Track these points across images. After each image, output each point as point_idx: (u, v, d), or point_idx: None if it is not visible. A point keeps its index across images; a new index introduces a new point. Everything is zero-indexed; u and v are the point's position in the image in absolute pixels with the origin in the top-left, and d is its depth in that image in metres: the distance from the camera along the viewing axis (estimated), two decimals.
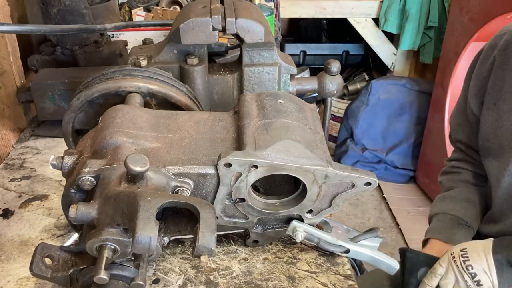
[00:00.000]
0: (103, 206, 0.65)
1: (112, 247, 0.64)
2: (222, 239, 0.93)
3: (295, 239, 0.83)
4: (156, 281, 0.83)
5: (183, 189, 0.73)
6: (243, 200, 0.78)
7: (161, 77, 0.93)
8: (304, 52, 3.66)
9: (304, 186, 0.77)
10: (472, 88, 1.24)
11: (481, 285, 1.03)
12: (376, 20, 3.26)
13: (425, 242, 1.30)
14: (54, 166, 0.75)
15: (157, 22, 1.59)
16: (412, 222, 2.85)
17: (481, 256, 1.05)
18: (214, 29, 0.99)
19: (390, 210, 3.00)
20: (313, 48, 3.67)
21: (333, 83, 1.09)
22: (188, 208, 0.65)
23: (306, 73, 3.53)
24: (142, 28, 1.63)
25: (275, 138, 0.74)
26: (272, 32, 1.18)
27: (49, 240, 0.95)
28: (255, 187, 0.83)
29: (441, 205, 1.33)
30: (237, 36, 1.02)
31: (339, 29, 3.65)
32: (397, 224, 2.86)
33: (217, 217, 0.79)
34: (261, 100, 0.83)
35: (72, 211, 0.65)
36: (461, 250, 1.08)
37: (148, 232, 0.58)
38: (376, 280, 1.31)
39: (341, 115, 3.42)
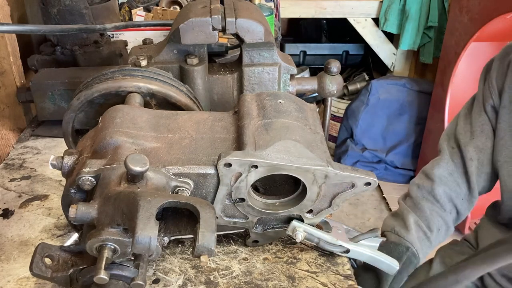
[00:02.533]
0: (103, 206, 0.65)
1: (112, 247, 0.64)
2: (222, 239, 0.93)
3: (295, 239, 0.83)
4: (156, 281, 0.83)
5: (183, 189, 0.73)
6: (243, 200, 0.78)
7: (161, 77, 0.93)
8: (304, 52, 3.66)
9: (304, 186, 0.77)
10: (495, 86, 1.27)
11: None
12: (376, 20, 3.26)
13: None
14: (54, 166, 0.75)
15: (157, 22, 1.59)
16: None
17: None
18: (214, 29, 0.99)
19: (390, 210, 3.00)
20: (313, 48, 3.67)
21: (333, 83, 1.10)
22: (188, 208, 0.65)
23: (306, 73, 3.53)
24: (142, 28, 1.63)
25: (275, 138, 0.74)
26: (272, 32, 1.18)
27: (49, 240, 0.95)
28: (255, 187, 0.83)
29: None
30: (237, 36, 1.02)
31: (339, 29, 3.65)
32: None
33: (217, 217, 0.79)
34: (261, 100, 0.83)
35: (72, 211, 0.65)
36: None
37: (148, 232, 0.58)
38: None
39: (341, 115, 3.42)
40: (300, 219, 0.84)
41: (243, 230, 0.87)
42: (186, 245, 0.91)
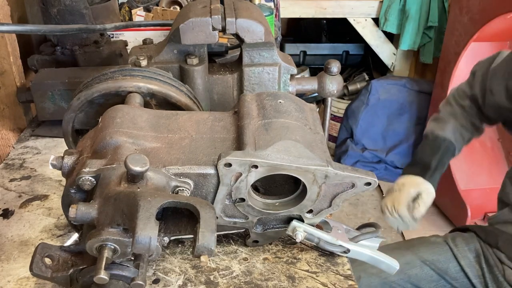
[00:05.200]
0: (103, 206, 0.65)
1: (112, 247, 0.64)
2: (222, 239, 0.93)
3: (295, 239, 0.83)
4: (156, 281, 0.83)
5: (183, 189, 0.73)
6: (243, 200, 0.78)
7: (161, 77, 0.93)
8: (304, 52, 3.66)
9: (304, 186, 0.77)
10: None
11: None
12: (376, 20, 3.26)
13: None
14: (54, 166, 0.75)
15: (157, 22, 1.59)
16: None
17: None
18: (214, 29, 0.99)
19: None
20: (313, 48, 3.67)
21: (333, 83, 1.09)
22: (188, 208, 0.65)
23: (306, 73, 3.53)
24: (142, 28, 1.63)
25: (275, 138, 0.74)
26: (272, 32, 1.18)
27: (49, 240, 0.95)
28: (255, 187, 0.83)
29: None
30: (237, 36, 1.02)
31: (339, 29, 3.65)
32: None
33: (217, 217, 0.79)
34: (261, 100, 0.83)
35: (72, 211, 0.65)
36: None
37: (148, 232, 0.58)
38: None
39: (341, 115, 3.42)
40: (300, 219, 0.84)
41: (243, 230, 0.87)
42: (186, 245, 0.91)
